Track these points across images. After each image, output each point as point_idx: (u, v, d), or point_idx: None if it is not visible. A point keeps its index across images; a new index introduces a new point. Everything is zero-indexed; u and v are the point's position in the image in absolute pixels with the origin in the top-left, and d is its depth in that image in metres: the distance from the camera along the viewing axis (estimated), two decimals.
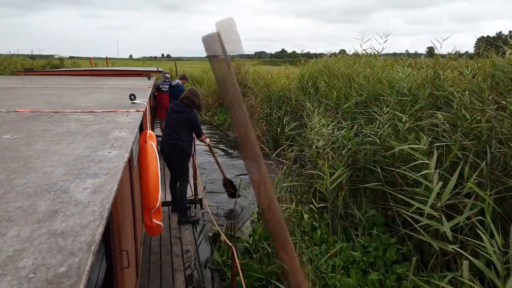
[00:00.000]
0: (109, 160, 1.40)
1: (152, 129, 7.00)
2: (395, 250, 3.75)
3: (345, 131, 4.63)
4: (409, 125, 4.48)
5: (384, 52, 8.08)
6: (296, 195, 4.78)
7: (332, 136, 4.68)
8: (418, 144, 4.31)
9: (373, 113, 5.09)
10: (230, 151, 10.13)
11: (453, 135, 4.15)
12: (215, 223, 4.51)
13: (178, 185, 4.82)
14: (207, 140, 5.13)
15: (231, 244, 2.90)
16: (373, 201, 4.65)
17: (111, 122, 2.07)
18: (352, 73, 7.68)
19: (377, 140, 4.39)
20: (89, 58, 9.82)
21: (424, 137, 3.89)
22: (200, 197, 5.41)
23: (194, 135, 4.86)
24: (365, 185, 4.21)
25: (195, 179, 5.43)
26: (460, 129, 4.06)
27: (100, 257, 2.96)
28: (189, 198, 5.33)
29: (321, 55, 10.56)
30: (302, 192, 4.85)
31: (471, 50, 7.70)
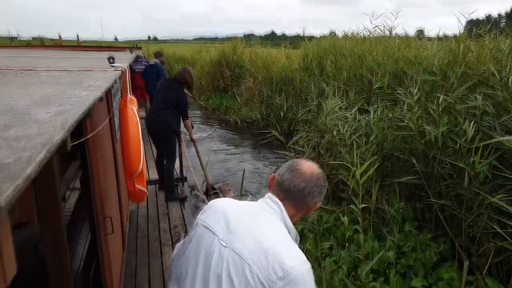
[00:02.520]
0: (79, 96, 1.32)
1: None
2: (435, 251, 3.26)
3: (373, 116, 4.07)
4: (441, 107, 3.96)
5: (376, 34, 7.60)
6: None
7: (355, 122, 4.13)
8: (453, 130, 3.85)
9: (398, 94, 4.55)
10: (230, 136, 9.51)
11: (497, 120, 3.65)
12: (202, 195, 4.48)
13: (165, 163, 4.70)
14: (194, 136, 5.05)
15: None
16: (399, 193, 4.16)
17: (86, 77, 1.91)
18: (363, 52, 7.10)
19: (411, 125, 3.84)
20: (59, 36, 8.62)
21: (470, 123, 3.37)
22: (185, 176, 5.43)
23: None
24: (400, 180, 3.67)
25: (181, 157, 5.35)
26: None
27: (85, 232, 2.84)
28: (176, 176, 5.32)
29: (311, 37, 10.00)
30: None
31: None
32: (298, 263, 1.06)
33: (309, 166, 1.26)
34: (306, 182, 1.22)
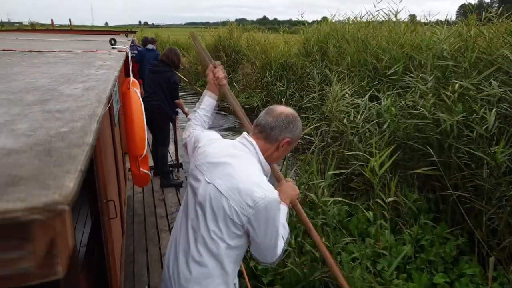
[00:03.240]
0: (98, 74, 1.33)
1: None
2: (454, 244, 3.16)
3: (387, 103, 3.90)
4: (457, 94, 3.81)
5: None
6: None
7: (367, 109, 3.97)
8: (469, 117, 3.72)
9: (409, 81, 4.39)
10: (229, 123, 9.30)
11: None
12: None
13: (159, 148, 4.64)
14: (186, 109, 4.78)
15: None
16: (412, 184, 4.04)
17: (93, 58, 1.92)
18: (367, 36, 6.89)
19: (426, 112, 3.70)
20: (51, 20, 8.61)
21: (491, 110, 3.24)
22: (181, 161, 5.30)
23: None
24: (417, 171, 3.53)
25: (176, 142, 5.25)
26: None
27: (84, 216, 2.83)
28: (171, 162, 5.26)
29: (303, 22, 9.74)
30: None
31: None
32: (265, 195, 1.30)
33: (283, 108, 1.49)
34: (275, 118, 1.44)
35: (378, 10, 7.28)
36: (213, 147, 1.49)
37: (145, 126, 2.50)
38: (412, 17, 7.78)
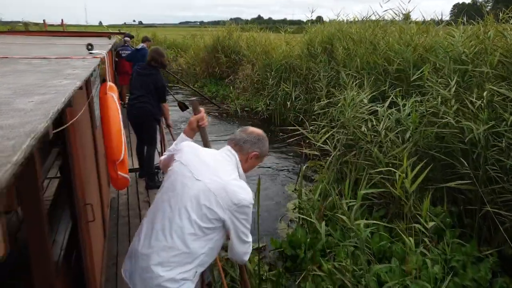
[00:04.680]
0: (59, 85, 1.33)
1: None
2: (489, 266, 2.91)
3: (411, 110, 3.65)
4: (485, 100, 3.58)
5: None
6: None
7: (386, 116, 3.72)
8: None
9: (430, 86, 4.14)
10: (231, 126, 9.02)
11: None
12: None
13: (145, 150, 4.64)
14: (170, 122, 4.87)
15: None
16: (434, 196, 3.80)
17: (65, 65, 1.91)
18: (375, 37, 6.65)
19: (451, 120, 3.45)
20: (43, 20, 8.75)
21: None
22: None
23: None
24: (450, 185, 3.28)
25: (162, 144, 5.29)
26: None
27: (65, 220, 2.87)
28: (157, 164, 5.11)
29: (298, 21, 9.49)
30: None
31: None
32: (247, 196, 1.58)
33: (254, 128, 1.83)
34: (248, 134, 1.77)
35: (385, 10, 7.02)
36: (200, 151, 1.75)
37: (122, 130, 2.55)
38: (406, 16, 7.57)
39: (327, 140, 4.06)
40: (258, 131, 1.81)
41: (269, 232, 4.01)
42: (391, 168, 3.06)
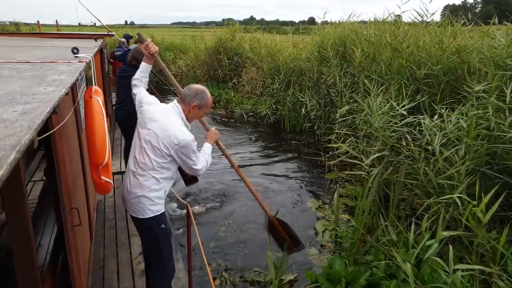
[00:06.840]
0: (44, 93, 1.31)
1: (110, 96, 8.36)
2: None
3: (467, 123, 3.19)
4: None
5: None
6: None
7: (435, 129, 3.25)
8: None
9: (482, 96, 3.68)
10: (241, 134, 8.49)
11: None
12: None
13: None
14: None
15: (185, 202, 2.88)
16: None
17: (50, 70, 1.89)
18: (396, 38, 6.21)
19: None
20: (37, 21, 8.60)
21: None
22: None
23: None
24: None
25: None
26: None
27: (51, 224, 2.86)
28: None
29: (291, 22, 9.08)
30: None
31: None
32: (185, 137, 2.22)
33: (195, 85, 2.43)
34: (188, 90, 2.38)
35: (403, 11, 6.58)
36: (152, 107, 2.39)
37: (107, 134, 2.57)
38: (397, 17, 7.21)
39: (344, 149, 3.61)
40: (198, 86, 2.39)
41: (300, 260, 3.52)
42: (461, 195, 2.59)
